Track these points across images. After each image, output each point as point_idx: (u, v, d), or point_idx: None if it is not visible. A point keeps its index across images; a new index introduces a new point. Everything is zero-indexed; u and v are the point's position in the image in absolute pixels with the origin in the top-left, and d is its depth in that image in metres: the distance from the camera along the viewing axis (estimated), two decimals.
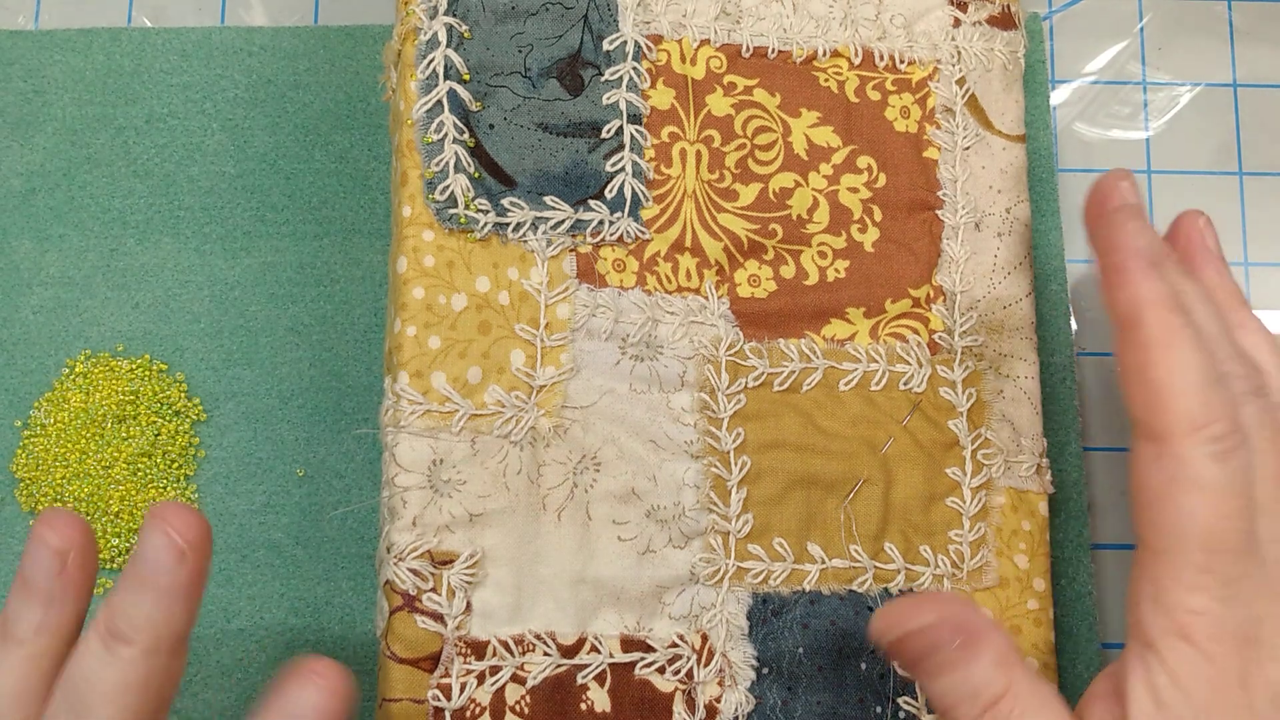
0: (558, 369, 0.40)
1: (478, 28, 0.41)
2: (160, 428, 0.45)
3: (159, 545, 0.32)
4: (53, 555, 0.33)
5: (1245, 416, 0.35)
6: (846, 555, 0.40)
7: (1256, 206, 0.49)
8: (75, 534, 0.33)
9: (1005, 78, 0.45)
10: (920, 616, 0.34)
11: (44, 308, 0.46)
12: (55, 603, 0.33)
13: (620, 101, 0.42)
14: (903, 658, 0.35)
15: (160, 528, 0.32)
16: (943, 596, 0.36)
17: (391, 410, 0.38)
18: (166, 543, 0.32)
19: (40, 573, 0.33)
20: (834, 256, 0.43)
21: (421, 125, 0.40)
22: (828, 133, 0.43)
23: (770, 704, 0.39)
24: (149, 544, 0.32)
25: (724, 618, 0.39)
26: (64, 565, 0.33)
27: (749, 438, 0.40)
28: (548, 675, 0.38)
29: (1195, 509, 0.34)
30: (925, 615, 0.34)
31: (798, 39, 0.43)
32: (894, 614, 0.35)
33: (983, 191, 0.44)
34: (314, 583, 0.44)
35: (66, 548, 0.33)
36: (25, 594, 0.33)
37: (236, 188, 0.47)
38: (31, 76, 0.47)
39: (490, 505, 0.38)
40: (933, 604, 0.35)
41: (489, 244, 0.40)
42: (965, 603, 0.35)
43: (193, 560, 0.32)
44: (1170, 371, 0.34)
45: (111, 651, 0.32)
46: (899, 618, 0.35)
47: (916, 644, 0.35)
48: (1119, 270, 0.36)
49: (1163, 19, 0.51)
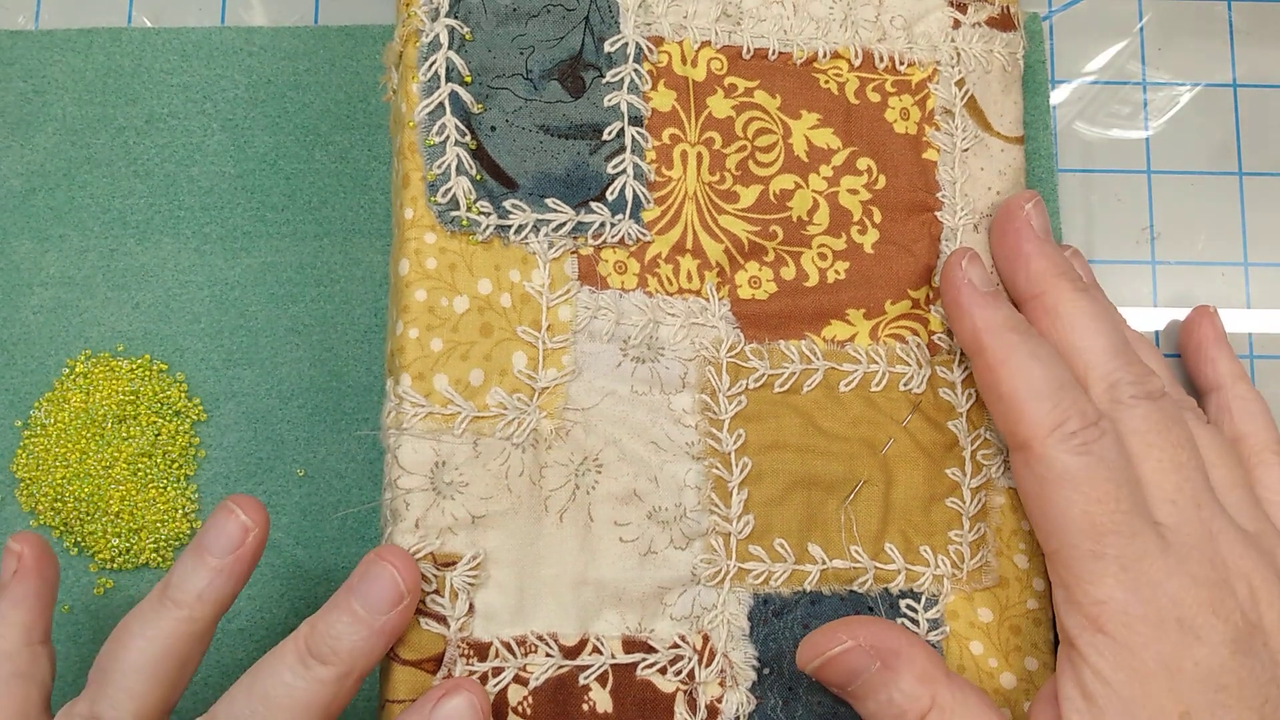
0: (559, 371, 0.40)
1: (479, 30, 0.41)
2: (160, 428, 0.45)
3: (385, 584, 0.35)
4: (239, 529, 0.36)
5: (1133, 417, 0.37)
6: (847, 556, 0.40)
7: (1256, 206, 0.49)
8: (260, 518, 0.36)
9: (1004, 79, 0.45)
10: (836, 642, 0.36)
11: (44, 308, 0.46)
12: (224, 575, 0.36)
13: (621, 103, 0.42)
14: (829, 684, 0.37)
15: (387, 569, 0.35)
16: (861, 621, 0.37)
17: (394, 412, 0.38)
18: (392, 584, 0.35)
19: (221, 543, 0.36)
20: (834, 258, 0.43)
21: (423, 127, 0.40)
22: (828, 134, 0.43)
23: (771, 704, 0.39)
24: (374, 578, 0.35)
25: (725, 618, 0.39)
26: (244, 541, 0.36)
27: (750, 439, 0.41)
28: (550, 676, 0.38)
29: (1068, 502, 0.36)
30: (841, 640, 0.36)
31: (798, 41, 0.43)
32: (813, 642, 0.37)
33: (981, 193, 0.44)
34: (314, 583, 0.44)
35: (252, 526, 0.36)
36: (198, 561, 0.36)
37: (236, 188, 0.47)
38: (31, 76, 0.47)
39: (492, 507, 0.38)
40: (848, 628, 0.37)
41: (491, 246, 0.40)
42: (884, 624, 0.37)
43: (408, 605, 0.35)
44: (1015, 384, 0.38)
45: (310, 669, 0.34)
46: (817, 645, 0.37)
47: (838, 670, 0.36)
48: (955, 304, 0.40)
49: (1163, 19, 0.51)
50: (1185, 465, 0.37)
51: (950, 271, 0.40)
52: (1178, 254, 0.49)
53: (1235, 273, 0.49)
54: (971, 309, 0.39)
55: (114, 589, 0.44)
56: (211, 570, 0.35)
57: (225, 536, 0.36)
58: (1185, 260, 0.49)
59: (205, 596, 0.35)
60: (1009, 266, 0.41)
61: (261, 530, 0.36)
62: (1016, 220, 0.41)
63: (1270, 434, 0.42)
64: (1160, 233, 0.49)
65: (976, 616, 0.41)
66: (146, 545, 0.44)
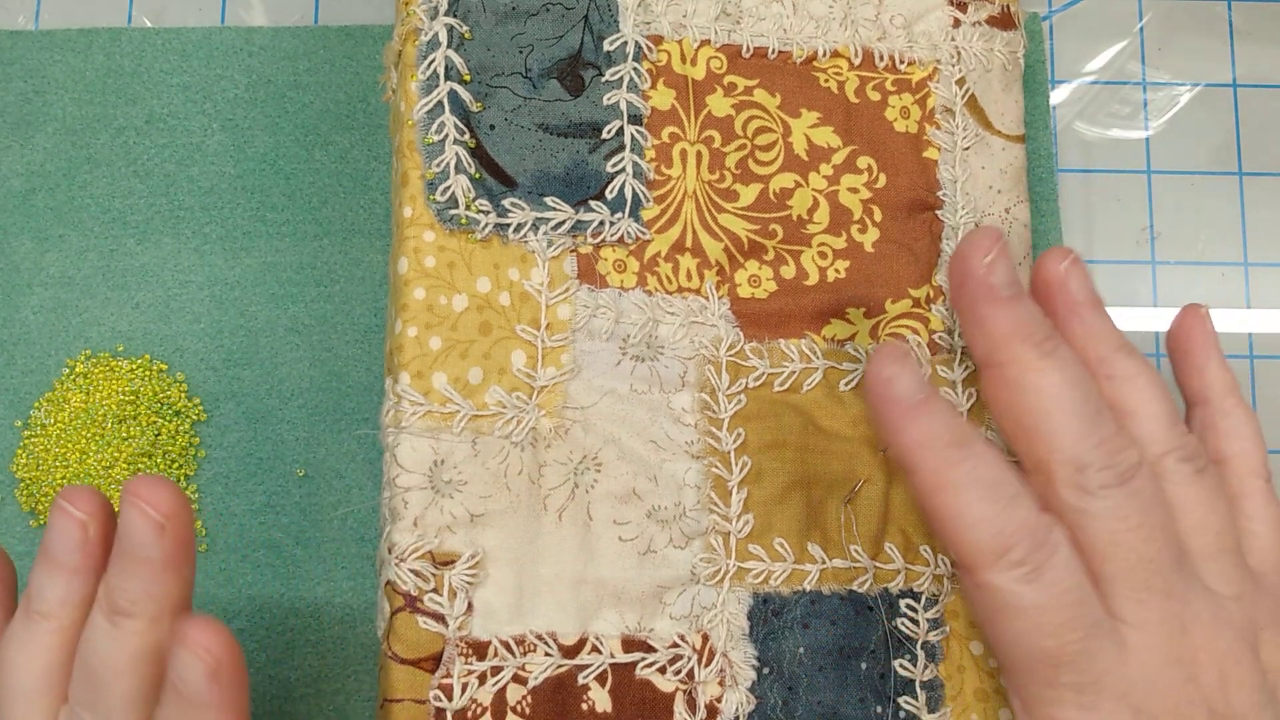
0: (558, 369, 0.40)
1: (478, 28, 0.41)
2: (160, 428, 0.45)
3: (137, 522, 0.32)
4: (76, 526, 0.34)
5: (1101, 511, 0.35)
6: (847, 555, 0.40)
7: (1256, 206, 0.49)
8: (95, 506, 0.34)
9: (1005, 78, 0.45)
10: None
11: (44, 308, 0.46)
12: (79, 575, 0.34)
13: (621, 102, 0.42)
14: None
15: (135, 504, 0.32)
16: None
17: (393, 411, 0.38)
18: (144, 519, 0.32)
19: (64, 545, 0.34)
20: (834, 257, 0.43)
21: (422, 126, 0.40)
22: (828, 133, 0.43)
23: (771, 704, 0.39)
24: (128, 522, 0.32)
25: (725, 618, 0.39)
26: (86, 537, 0.34)
27: (749, 438, 0.40)
28: (549, 675, 0.38)
29: (1019, 634, 0.34)
30: None
31: (798, 39, 0.43)
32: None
33: (982, 192, 0.44)
34: (314, 583, 0.44)
35: (87, 519, 0.34)
36: (49, 568, 0.34)
37: (236, 188, 0.47)
38: (31, 76, 0.47)
39: (491, 506, 0.38)
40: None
41: (490, 245, 0.40)
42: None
43: (173, 530, 0.33)
44: (954, 511, 0.35)
45: (117, 626, 0.33)
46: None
47: None
48: (885, 421, 0.36)
49: (1163, 19, 0.51)
50: (1155, 560, 0.35)
51: (874, 381, 0.36)
52: (1178, 254, 0.49)
53: (1235, 273, 0.49)
54: (901, 428, 0.35)
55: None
56: (66, 574, 0.34)
57: (66, 537, 0.34)
58: (1185, 260, 0.49)
59: (69, 601, 0.34)
60: (966, 328, 0.37)
61: (100, 519, 0.34)
62: (973, 278, 0.37)
63: (1257, 456, 0.39)
64: (1160, 233, 0.49)
65: None
66: None
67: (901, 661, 0.40)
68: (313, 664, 0.43)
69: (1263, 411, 0.48)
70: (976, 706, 0.40)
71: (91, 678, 0.33)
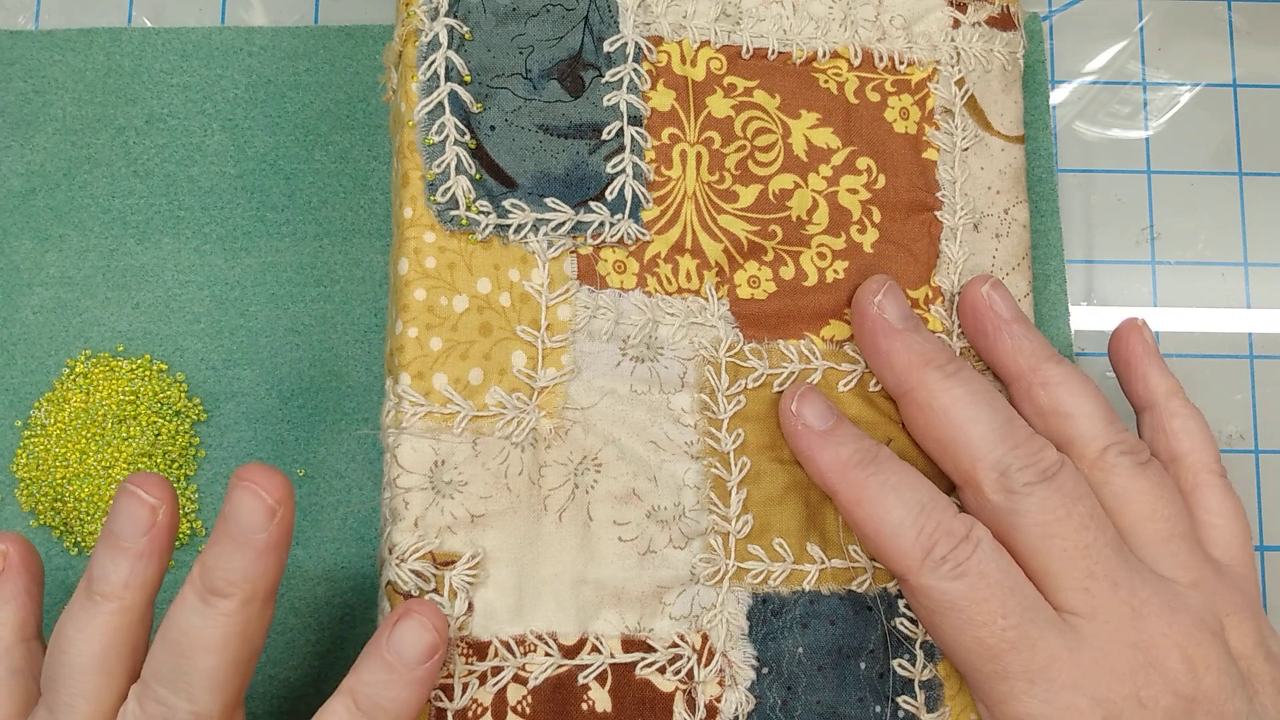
0: (559, 370, 0.40)
1: (479, 29, 0.41)
2: (160, 428, 0.45)
3: (250, 505, 0.34)
4: (145, 510, 0.35)
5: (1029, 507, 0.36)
6: (846, 555, 0.40)
7: (1256, 206, 0.49)
8: (164, 492, 0.35)
9: (1004, 78, 0.45)
10: None
11: (44, 308, 0.46)
12: (144, 558, 0.35)
13: (621, 103, 0.42)
14: None
15: (250, 488, 0.34)
16: None
17: (393, 412, 0.38)
18: (257, 503, 0.34)
19: (132, 529, 0.35)
20: (833, 257, 0.43)
21: (423, 127, 0.40)
22: (827, 134, 0.43)
23: (770, 703, 0.39)
24: (240, 504, 0.34)
25: (724, 618, 0.39)
26: (154, 521, 0.35)
27: (749, 439, 0.41)
28: (549, 675, 0.38)
29: (957, 630, 0.35)
30: None
31: (797, 40, 0.43)
32: None
33: (981, 192, 0.44)
34: (314, 583, 0.44)
35: (157, 504, 0.35)
36: (114, 550, 0.35)
37: (236, 188, 0.47)
38: (31, 76, 0.47)
39: (492, 506, 0.38)
40: None
41: (490, 245, 0.40)
42: None
43: (282, 516, 0.34)
44: (875, 523, 0.37)
45: (211, 605, 0.34)
46: None
47: None
48: (796, 450, 0.39)
49: (1163, 19, 0.51)
50: (1093, 546, 0.36)
51: (784, 415, 0.40)
52: (1178, 254, 0.49)
53: (1235, 273, 0.49)
54: (812, 454, 0.38)
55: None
56: (131, 556, 0.35)
57: (134, 520, 0.35)
58: (1185, 260, 0.49)
59: (131, 583, 0.35)
60: (873, 365, 0.41)
61: (169, 505, 0.35)
62: (868, 318, 0.40)
63: (1208, 453, 0.40)
64: (1160, 233, 0.49)
65: None
66: None
67: (900, 661, 0.40)
68: (313, 664, 0.43)
69: (1263, 411, 0.48)
70: (975, 706, 0.40)
71: (177, 654, 0.34)
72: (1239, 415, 0.48)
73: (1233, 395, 0.48)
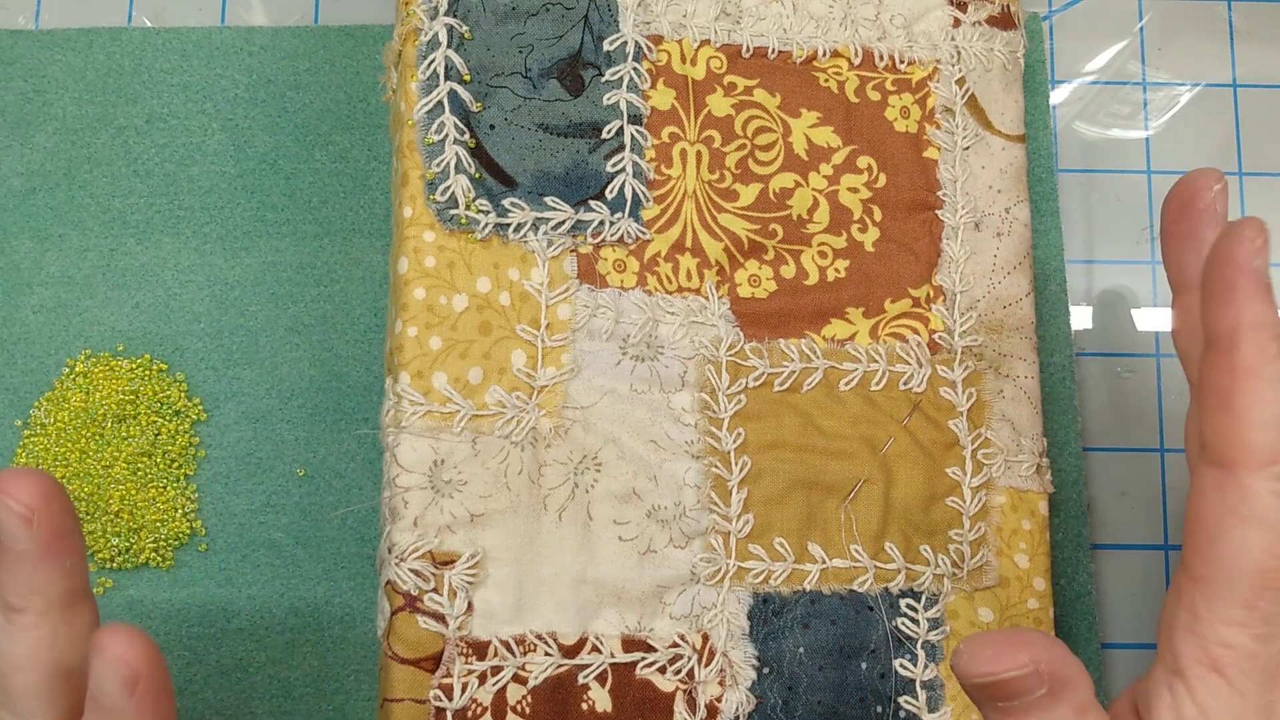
0: (558, 369, 0.40)
1: (478, 28, 0.41)
2: (160, 428, 0.45)
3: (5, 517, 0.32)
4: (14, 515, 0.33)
5: None
6: (847, 555, 0.40)
7: (1256, 206, 0.49)
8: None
9: (1005, 78, 0.45)
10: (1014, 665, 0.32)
11: (44, 307, 0.46)
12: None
13: (621, 102, 0.42)
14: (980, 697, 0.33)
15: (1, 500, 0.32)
16: (1036, 639, 0.32)
17: (393, 411, 0.38)
18: (7, 512, 0.32)
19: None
20: (834, 256, 0.43)
21: (422, 126, 0.40)
22: (828, 133, 0.43)
23: (771, 703, 0.39)
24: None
25: (725, 617, 0.39)
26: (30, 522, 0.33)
27: (749, 438, 0.40)
28: (549, 675, 0.38)
29: (1251, 544, 0.33)
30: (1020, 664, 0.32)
31: (798, 39, 0.43)
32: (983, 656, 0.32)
33: (982, 191, 0.44)
34: (314, 583, 0.44)
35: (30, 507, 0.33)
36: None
37: (236, 188, 0.47)
38: (31, 76, 0.47)
39: (491, 505, 0.38)
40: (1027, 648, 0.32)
41: (490, 244, 0.40)
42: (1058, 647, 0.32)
43: (42, 520, 0.32)
44: (1253, 402, 0.33)
45: (11, 622, 0.32)
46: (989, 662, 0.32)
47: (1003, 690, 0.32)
48: (1228, 287, 0.33)
49: (1163, 19, 0.51)
50: None
51: (1233, 247, 0.33)
52: None
53: None
54: (1245, 300, 0.33)
55: (113, 588, 0.44)
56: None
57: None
58: None
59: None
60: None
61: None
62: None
63: None
64: None
65: (977, 616, 0.41)
66: (146, 545, 0.44)
67: (902, 661, 0.40)
68: (313, 664, 0.43)
69: None
70: None
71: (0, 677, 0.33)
72: None
73: None
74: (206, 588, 0.44)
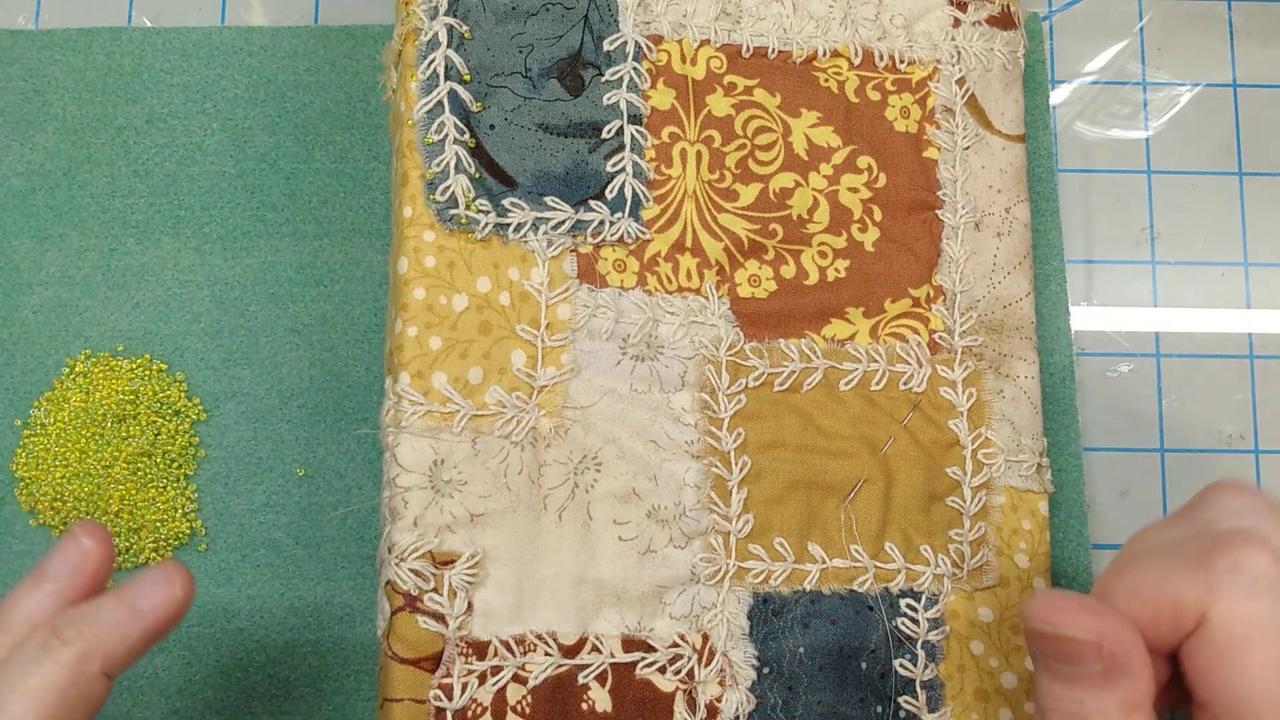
0: (558, 369, 0.40)
1: (478, 28, 0.41)
2: (160, 427, 0.45)
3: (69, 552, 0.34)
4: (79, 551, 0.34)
5: None
6: (847, 555, 0.40)
7: (1256, 206, 0.49)
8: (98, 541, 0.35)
9: (1005, 78, 0.45)
10: (1082, 625, 0.31)
11: (44, 307, 0.46)
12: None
13: (621, 102, 0.42)
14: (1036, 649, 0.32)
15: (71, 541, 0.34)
16: (1111, 617, 0.31)
17: (392, 411, 0.38)
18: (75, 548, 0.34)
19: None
20: (834, 256, 0.43)
21: (422, 126, 0.40)
22: (828, 133, 0.43)
23: (771, 703, 0.39)
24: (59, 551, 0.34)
25: (725, 617, 0.39)
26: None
27: (749, 438, 0.40)
28: (549, 675, 0.38)
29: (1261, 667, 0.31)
30: (1087, 625, 0.31)
31: (798, 39, 0.43)
32: (1058, 606, 0.31)
33: (982, 191, 0.44)
34: (314, 583, 0.44)
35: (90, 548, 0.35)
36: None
37: (236, 188, 0.47)
38: (31, 76, 0.47)
39: (491, 505, 0.38)
40: (1101, 619, 0.31)
41: (490, 244, 0.40)
42: (1131, 635, 0.31)
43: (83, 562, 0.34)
44: None
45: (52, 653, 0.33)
46: (1060, 613, 0.31)
47: (1060, 647, 0.31)
48: None
49: (1163, 19, 0.51)
50: None
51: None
52: (1178, 254, 0.49)
53: (1235, 273, 0.49)
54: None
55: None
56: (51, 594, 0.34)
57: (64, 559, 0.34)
58: (1185, 260, 0.49)
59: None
60: None
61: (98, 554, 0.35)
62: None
63: None
64: (1160, 233, 0.49)
65: (977, 616, 0.41)
66: (146, 544, 0.44)
67: (902, 661, 0.40)
68: (313, 664, 0.43)
69: (1263, 411, 0.47)
70: (977, 706, 0.40)
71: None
72: (1239, 415, 0.48)
73: (1233, 395, 0.48)
74: (206, 588, 0.44)
